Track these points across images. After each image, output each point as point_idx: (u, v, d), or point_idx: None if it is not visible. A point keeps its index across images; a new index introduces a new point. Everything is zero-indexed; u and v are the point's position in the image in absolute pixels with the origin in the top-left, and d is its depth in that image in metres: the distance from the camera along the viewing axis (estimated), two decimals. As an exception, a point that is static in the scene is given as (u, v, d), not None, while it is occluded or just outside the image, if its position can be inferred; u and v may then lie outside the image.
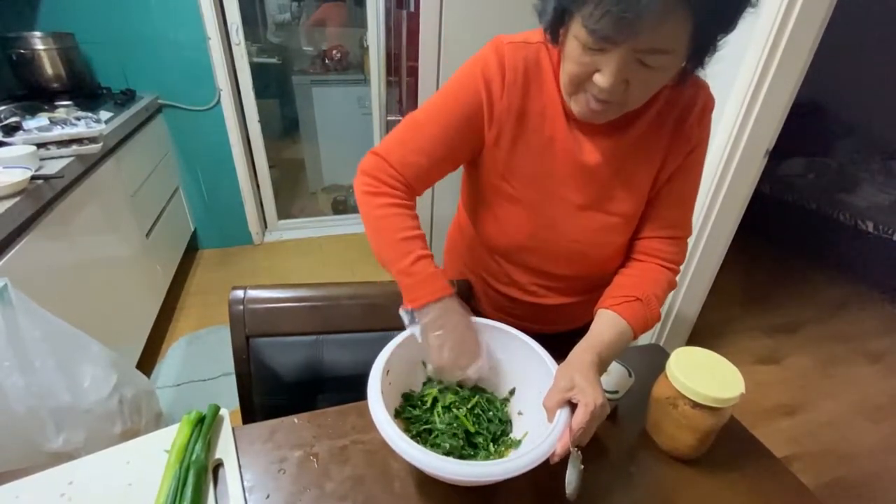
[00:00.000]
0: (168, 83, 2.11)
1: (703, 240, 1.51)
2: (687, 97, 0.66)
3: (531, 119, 0.66)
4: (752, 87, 1.27)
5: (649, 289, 0.67)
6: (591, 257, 0.74)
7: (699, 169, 0.71)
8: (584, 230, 0.71)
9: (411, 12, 1.55)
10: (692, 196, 0.72)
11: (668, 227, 0.71)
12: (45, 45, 1.72)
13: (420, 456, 0.49)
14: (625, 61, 0.51)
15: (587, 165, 0.67)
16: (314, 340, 0.82)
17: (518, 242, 0.74)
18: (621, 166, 0.67)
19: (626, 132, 0.66)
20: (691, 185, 0.71)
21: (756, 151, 1.37)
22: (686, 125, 0.66)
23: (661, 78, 0.56)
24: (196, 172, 2.36)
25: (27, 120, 1.26)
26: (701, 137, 0.68)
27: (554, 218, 0.71)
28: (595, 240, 0.72)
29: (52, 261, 1.20)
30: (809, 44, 1.24)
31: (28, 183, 1.07)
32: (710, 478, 0.63)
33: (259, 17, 3.39)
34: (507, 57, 0.64)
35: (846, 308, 2.34)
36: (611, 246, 0.73)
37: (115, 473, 0.58)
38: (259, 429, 0.66)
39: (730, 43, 0.54)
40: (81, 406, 1.02)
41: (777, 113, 1.31)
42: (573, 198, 0.69)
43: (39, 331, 0.96)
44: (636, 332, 0.65)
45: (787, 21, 1.18)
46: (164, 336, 1.92)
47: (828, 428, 1.67)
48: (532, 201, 0.70)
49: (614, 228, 0.71)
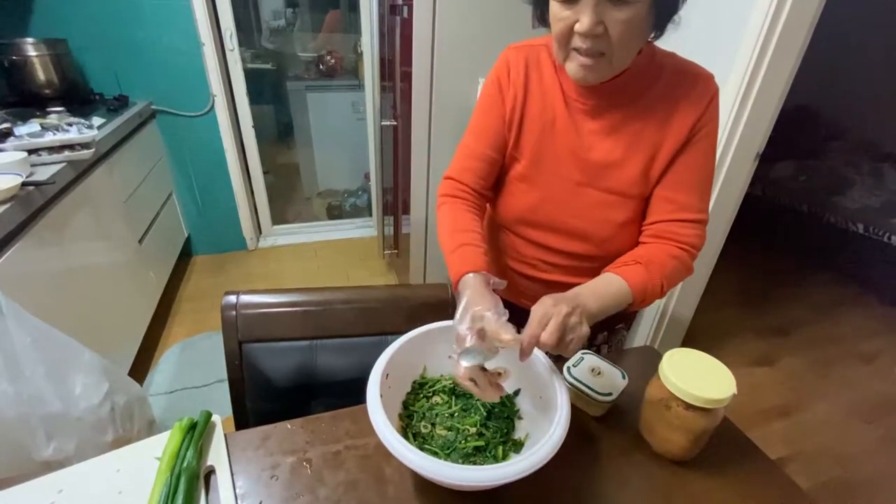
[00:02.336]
0: (161, 89, 2.10)
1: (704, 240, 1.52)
2: (687, 84, 0.70)
3: (533, 105, 0.75)
4: (741, 91, 1.28)
5: (654, 258, 0.70)
6: (590, 235, 0.78)
7: (708, 154, 0.73)
8: (582, 206, 0.76)
9: (405, 18, 1.56)
10: (703, 180, 0.73)
11: (678, 211, 0.72)
12: (38, 51, 1.72)
13: (419, 460, 0.48)
14: (597, 4, 0.57)
15: (583, 146, 0.74)
16: (308, 345, 0.81)
17: (522, 215, 0.81)
18: (615, 147, 0.72)
19: (620, 115, 0.72)
20: (698, 168, 0.72)
21: (746, 155, 1.38)
22: (683, 108, 0.69)
23: (634, 19, 0.58)
24: (190, 178, 2.35)
25: (18, 126, 1.26)
26: (705, 122, 0.70)
27: (554, 193, 0.77)
28: (592, 216, 0.76)
29: (44, 267, 1.19)
30: (797, 49, 1.26)
31: (19, 189, 1.07)
32: (704, 479, 0.63)
33: (253, 22, 3.40)
34: (511, 57, 0.77)
35: (839, 309, 2.36)
36: (609, 224, 0.76)
37: (106, 481, 0.57)
38: (251, 435, 0.65)
39: (719, 48, 0.56)
40: (72, 414, 1.01)
41: (766, 117, 1.33)
42: (572, 175, 0.75)
43: (30, 338, 0.95)
44: (634, 292, 0.67)
45: (774, 27, 1.20)
46: (157, 343, 1.90)
47: (822, 429, 1.68)
48: (536, 178, 0.77)
49: (610, 205, 0.75)
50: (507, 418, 0.65)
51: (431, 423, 0.63)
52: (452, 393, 0.67)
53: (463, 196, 0.79)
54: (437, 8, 1.44)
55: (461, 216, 0.76)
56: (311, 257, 2.66)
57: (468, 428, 0.63)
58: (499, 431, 0.63)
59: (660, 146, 0.71)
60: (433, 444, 0.61)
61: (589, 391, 0.68)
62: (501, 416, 0.65)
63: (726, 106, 1.32)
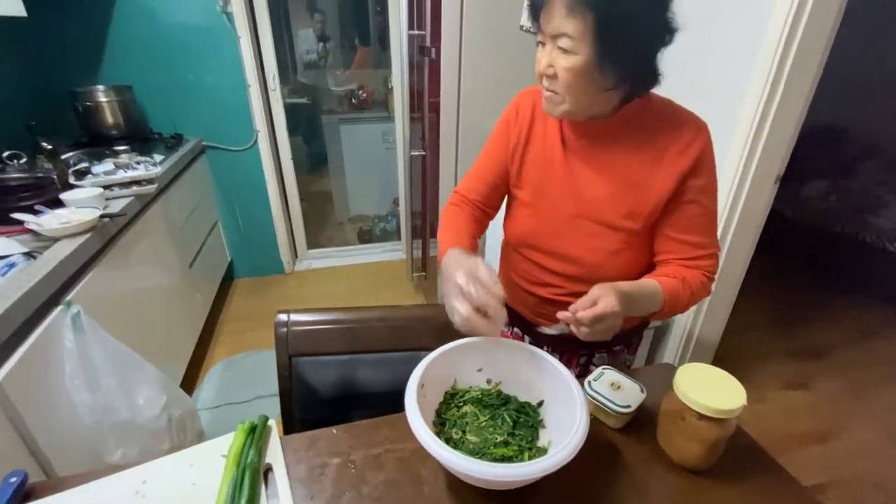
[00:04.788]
0: (211, 126, 2.31)
1: (719, 265, 1.54)
2: (676, 132, 0.77)
3: (536, 143, 0.86)
4: (757, 115, 1.33)
5: (687, 275, 0.80)
6: (582, 260, 0.86)
7: (712, 201, 0.80)
8: (576, 235, 0.85)
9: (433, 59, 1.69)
10: (710, 222, 0.82)
11: (696, 249, 0.81)
12: (108, 97, 1.94)
13: (453, 458, 0.54)
14: (549, 48, 0.70)
15: (577, 182, 0.83)
16: (348, 359, 0.90)
17: (524, 238, 0.91)
18: (603, 184, 0.81)
19: (609, 157, 0.81)
20: (705, 214, 0.80)
21: (766, 178, 1.41)
22: (672, 154, 0.77)
23: (576, 68, 0.68)
24: (233, 207, 2.54)
25: (95, 165, 1.43)
26: (700, 171, 0.77)
27: (551, 222, 0.86)
28: (584, 244, 0.85)
29: (113, 290, 1.33)
30: (814, 71, 1.29)
31: (97, 221, 1.22)
32: (721, 488, 0.67)
33: (289, 59, 3.67)
34: (521, 101, 0.89)
35: (876, 331, 2.29)
36: (600, 252, 0.84)
37: (181, 475, 0.66)
38: (302, 439, 0.73)
39: (734, 73, 0.62)
40: (137, 423, 1.12)
41: (784, 140, 1.36)
42: (567, 207, 0.84)
43: (105, 353, 1.08)
44: (665, 296, 0.76)
45: (788, 51, 1.24)
46: (202, 360, 2.03)
47: (862, 454, 1.62)
48: (536, 206, 0.87)
49: (601, 235, 0.83)
50: (531, 427, 0.70)
51: (462, 431, 0.70)
52: (481, 403, 0.74)
53: (465, 206, 0.93)
54: (462, 52, 1.56)
55: (460, 219, 0.90)
56: (344, 279, 2.78)
57: (496, 436, 0.69)
58: (524, 439, 0.68)
59: (648, 188, 0.78)
60: (464, 448, 0.67)
61: (608, 403, 0.73)
62: (526, 424, 0.71)
63: (743, 131, 1.36)
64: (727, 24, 1.41)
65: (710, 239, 0.82)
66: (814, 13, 1.20)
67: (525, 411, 0.72)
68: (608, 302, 0.66)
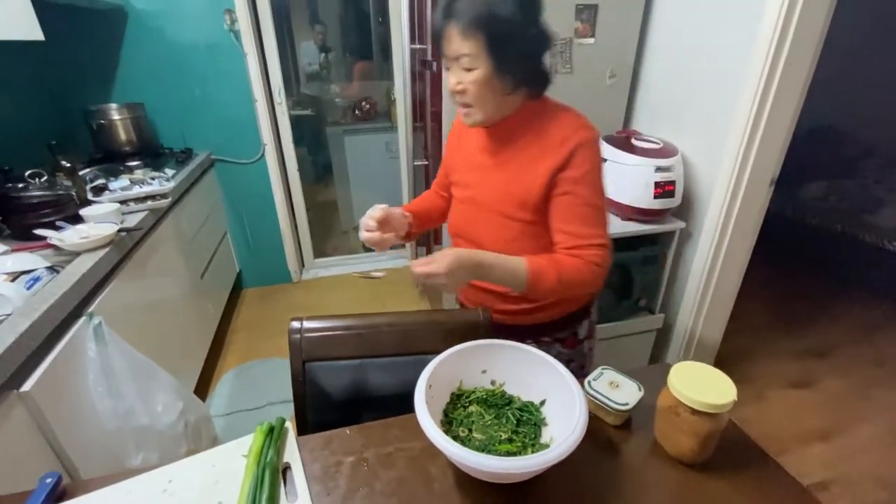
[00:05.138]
0: (220, 141, 2.37)
1: (717, 267, 1.58)
2: (554, 132, 0.88)
3: (464, 150, 1.02)
4: (751, 120, 1.37)
5: (560, 260, 0.87)
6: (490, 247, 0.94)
7: (582, 191, 0.87)
8: (485, 225, 0.98)
9: (434, 73, 1.74)
10: (590, 214, 0.88)
11: (576, 239, 0.88)
12: (121, 114, 2.00)
13: (461, 452, 0.58)
14: (455, 68, 0.84)
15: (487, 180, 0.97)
16: (359, 364, 0.94)
17: (454, 228, 1.07)
18: (502, 180, 0.94)
19: (506, 156, 0.93)
20: (583, 205, 0.87)
21: (761, 181, 1.45)
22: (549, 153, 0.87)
23: (480, 79, 0.81)
24: (242, 218, 2.60)
25: (111, 181, 1.48)
26: (574, 167, 0.86)
27: (470, 214, 1.01)
28: (491, 233, 0.98)
29: (130, 301, 1.38)
30: (803, 77, 1.34)
31: (115, 235, 1.27)
32: (715, 480, 0.70)
33: (292, 71, 3.75)
34: (457, 118, 1.00)
35: (879, 330, 2.30)
36: (501, 239, 0.96)
37: (205, 474, 0.70)
38: (317, 439, 0.77)
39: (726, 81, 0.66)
40: (156, 428, 1.16)
41: (777, 144, 1.40)
42: (478, 200, 0.98)
43: (124, 362, 1.12)
44: (529, 272, 0.84)
45: (779, 54, 1.28)
46: (214, 369, 2.08)
47: (865, 452, 1.64)
48: (461, 201, 1.03)
49: (501, 225, 0.96)
50: (534, 425, 0.74)
51: (469, 429, 0.73)
52: (486, 403, 0.77)
53: (432, 190, 1.17)
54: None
55: (422, 195, 1.17)
56: (350, 288, 2.83)
57: (501, 433, 0.73)
58: (527, 436, 0.72)
59: (531, 181, 0.89)
60: (470, 445, 0.70)
61: (608, 402, 0.77)
62: (529, 422, 0.74)
63: (737, 136, 1.40)
64: (719, 35, 1.46)
65: (590, 230, 0.87)
66: (802, 19, 1.24)
67: (528, 410, 0.76)
68: (438, 265, 0.78)
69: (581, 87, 1.71)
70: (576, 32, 1.65)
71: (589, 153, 0.87)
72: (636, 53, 1.77)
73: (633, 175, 1.54)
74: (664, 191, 1.52)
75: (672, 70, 1.67)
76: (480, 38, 0.78)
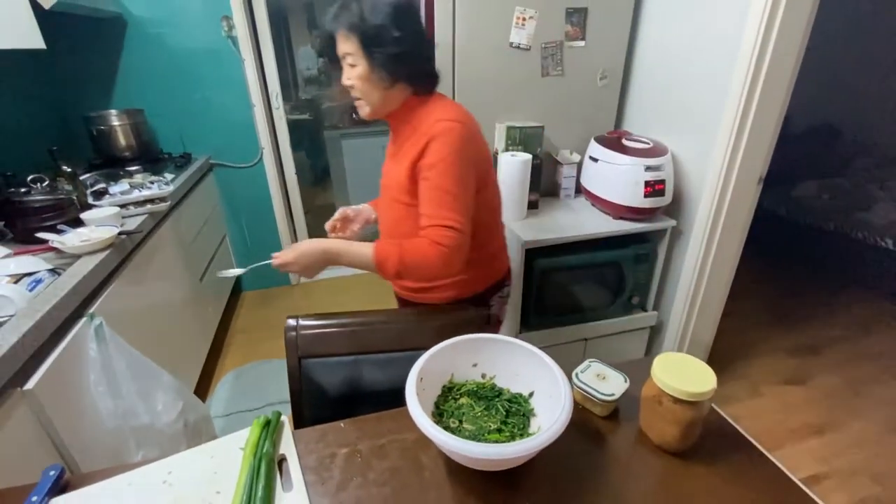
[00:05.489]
0: (218, 145, 2.40)
1: (708, 264, 1.60)
2: (420, 126, 0.98)
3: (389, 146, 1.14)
4: (737, 120, 1.40)
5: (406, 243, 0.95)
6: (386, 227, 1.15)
7: (432, 175, 0.94)
8: (387, 209, 1.12)
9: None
10: (440, 197, 0.94)
11: (425, 219, 0.95)
12: (121, 120, 2.03)
13: (449, 440, 0.61)
14: (344, 66, 0.96)
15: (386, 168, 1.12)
16: (353, 360, 0.96)
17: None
18: (393, 168, 1.06)
19: (395, 147, 1.07)
20: (435, 189, 0.94)
21: (749, 179, 1.47)
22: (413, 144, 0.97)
23: (362, 75, 0.94)
24: (240, 221, 2.62)
25: (112, 185, 1.51)
26: (428, 156, 0.94)
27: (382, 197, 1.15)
28: (387, 214, 1.13)
29: (131, 302, 1.40)
30: (788, 76, 1.36)
31: (116, 238, 1.29)
32: (698, 466, 0.72)
33: (290, 76, 3.78)
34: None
35: (872, 326, 2.32)
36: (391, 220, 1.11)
37: (203, 465, 0.72)
38: (312, 432, 0.79)
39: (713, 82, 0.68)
40: (156, 427, 1.18)
41: (765, 142, 1.43)
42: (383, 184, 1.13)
43: (125, 362, 1.15)
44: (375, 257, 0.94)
45: (763, 55, 1.31)
46: (213, 370, 2.10)
47: (858, 447, 1.66)
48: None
49: (392, 208, 1.09)
50: (522, 415, 0.76)
51: (459, 420, 0.76)
52: (476, 395, 0.80)
53: None
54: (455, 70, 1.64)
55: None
56: (348, 290, 2.85)
57: (490, 424, 0.75)
58: (516, 426, 0.74)
59: (402, 170, 1.00)
60: (461, 436, 0.72)
61: (594, 393, 0.79)
62: (518, 413, 0.76)
63: (724, 136, 1.43)
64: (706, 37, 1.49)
65: (438, 211, 0.94)
66: (784, 22, 1.27)
67: (517, 401, 0.78)
68: (287, 254, 0.96)
69: (573, 89, 1.73)
70: (566, 35, 1.68)
71: (443, 143, 0.94)
72: (626, 55, 1.80)
73: (623, 174, 1.57)
74: (654, 189, 1.54)
75: (661, 72, 1.70)
76: (354, 38, 0.91)
